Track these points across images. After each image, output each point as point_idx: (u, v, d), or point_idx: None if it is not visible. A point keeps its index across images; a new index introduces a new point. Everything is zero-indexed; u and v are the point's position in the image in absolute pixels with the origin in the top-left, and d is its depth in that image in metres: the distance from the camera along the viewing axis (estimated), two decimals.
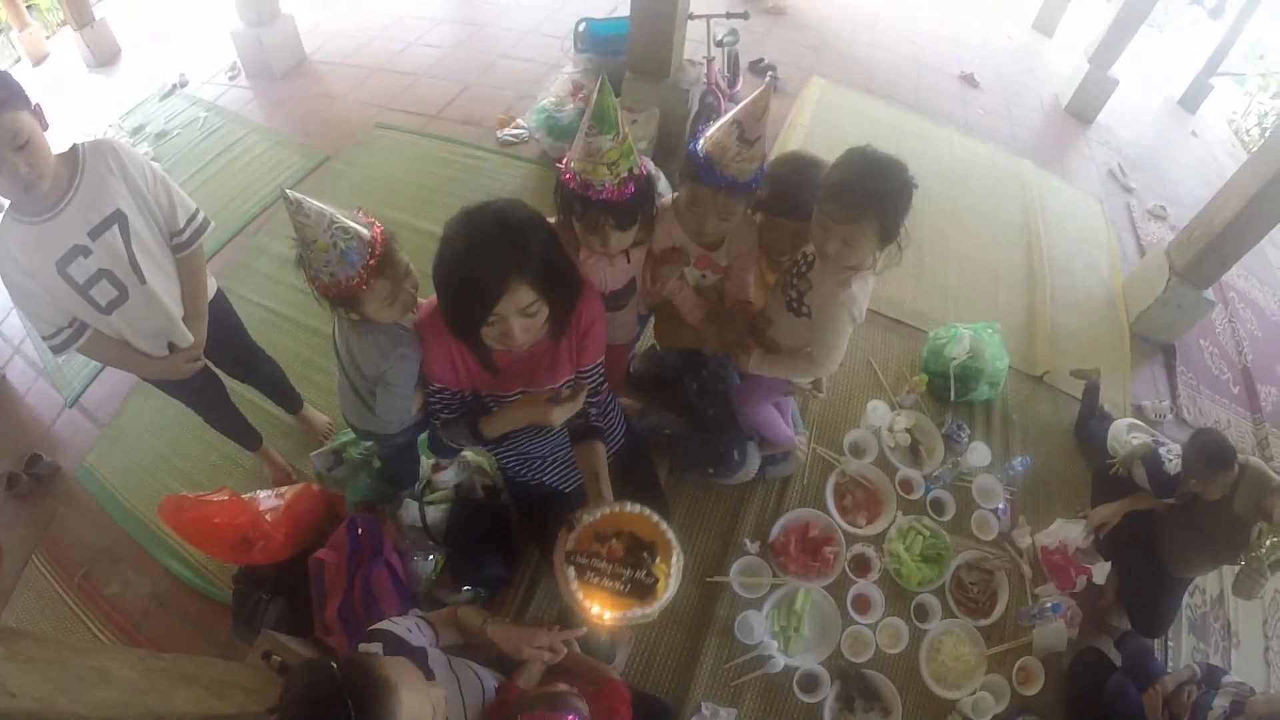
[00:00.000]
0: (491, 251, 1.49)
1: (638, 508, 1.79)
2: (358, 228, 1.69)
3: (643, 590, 1.66)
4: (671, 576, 1.68)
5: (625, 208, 1.76)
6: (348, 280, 1.69)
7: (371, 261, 1.69)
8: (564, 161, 1.77)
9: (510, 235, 1.50)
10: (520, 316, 1.56)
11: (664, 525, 1.76)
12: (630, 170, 1.72)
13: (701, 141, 1.86)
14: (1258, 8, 6.86)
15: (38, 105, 1.77)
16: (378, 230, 1.74)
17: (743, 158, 1.81)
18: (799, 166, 2.10)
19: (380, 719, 1.14)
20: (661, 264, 2.11)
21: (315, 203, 1.65)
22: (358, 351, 1.94)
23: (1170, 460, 2.65)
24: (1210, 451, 2.48)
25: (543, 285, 1.55)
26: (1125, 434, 3.03)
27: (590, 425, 2.05)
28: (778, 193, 2.05)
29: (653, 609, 1.65)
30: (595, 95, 1.64)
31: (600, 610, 1.64)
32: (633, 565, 1.68)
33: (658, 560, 1.70)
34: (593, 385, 1.99)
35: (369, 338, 1.89)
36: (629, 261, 2.01)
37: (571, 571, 1.69)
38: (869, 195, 1.77)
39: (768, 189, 2.04)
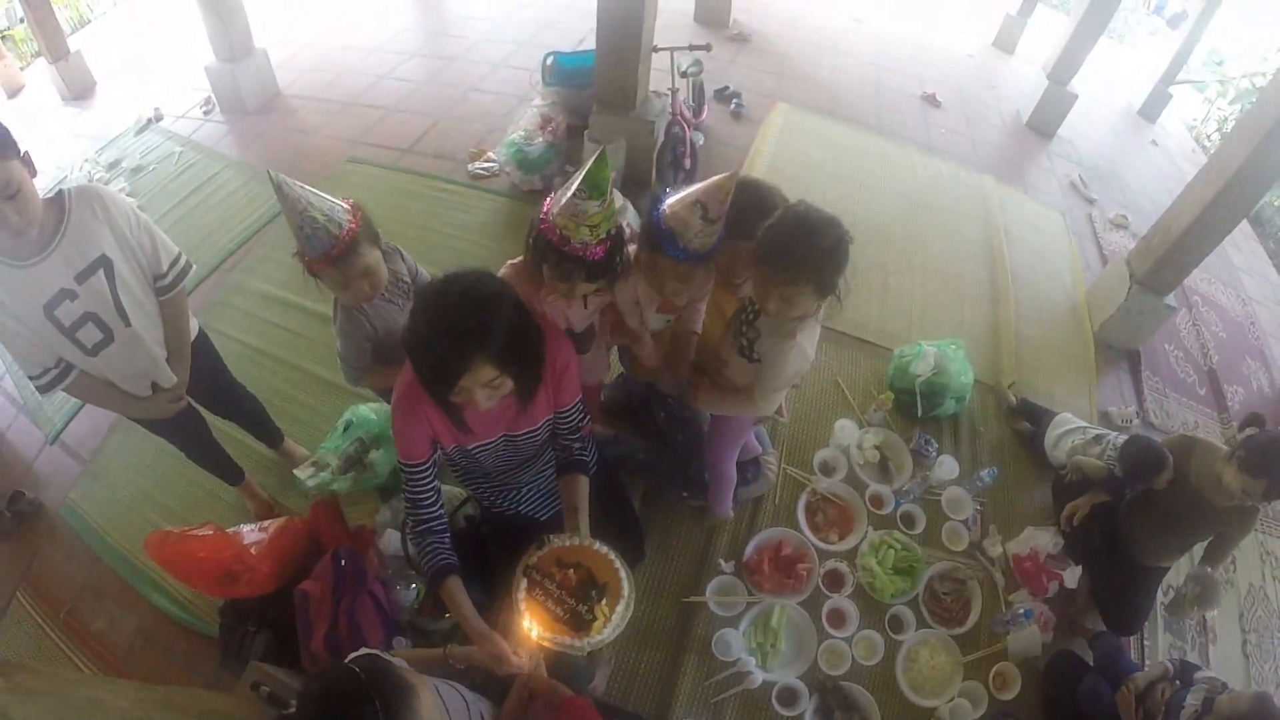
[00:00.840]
0: (455, 331, 1.53)
1: (605, 549, 1.85)
2: (327, 219, 1.86)
3: (579, 623, 1.72)
4: (611, 622, 1.74)
5: (598, 265, 1.81)
6: (308, 258, 1.92)
7: (332, 254, 1.88)
8: (545, 209, 1.81)
9: (475, 314, 1.54)
10: (484, 388, 1.61)
11: (623, 574, 1.82)
12: (608, 231, 1.79)
13: (664, 212, 1.89)
14: (1215, 16, 6.96)
15: (26, 153, 1.81)
16: (349, 229, 1.89)
17: (704, 233, 1.86)
18: (749, 190, 2.14)
19: (406, 718, 1.19)
20: (614, 337, 2.17)
21: (295, 189, 1.82)
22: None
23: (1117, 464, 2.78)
24: (1142, 461, 2.62)
25: (506, 362, 1.59)
26: (1054, 446, 3.15)
27: (575, 459, 2.09)
28: (730, 217, 2.07)
29: (582, 644, 1.71)
30: (591, 163, 1.68)
31: (531, 625, 1.71)
32: (578, 598, 1.74)
33: (604, 602, 1.76)
34: (573, 423, 2.04)
35: (333, 303, 2.15)
36: (586, 307, 2.07)
37: (524, 582, 1.76)
38: (803, 257, 1.80)
39: None
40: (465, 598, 1.87)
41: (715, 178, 1.85)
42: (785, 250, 1.81)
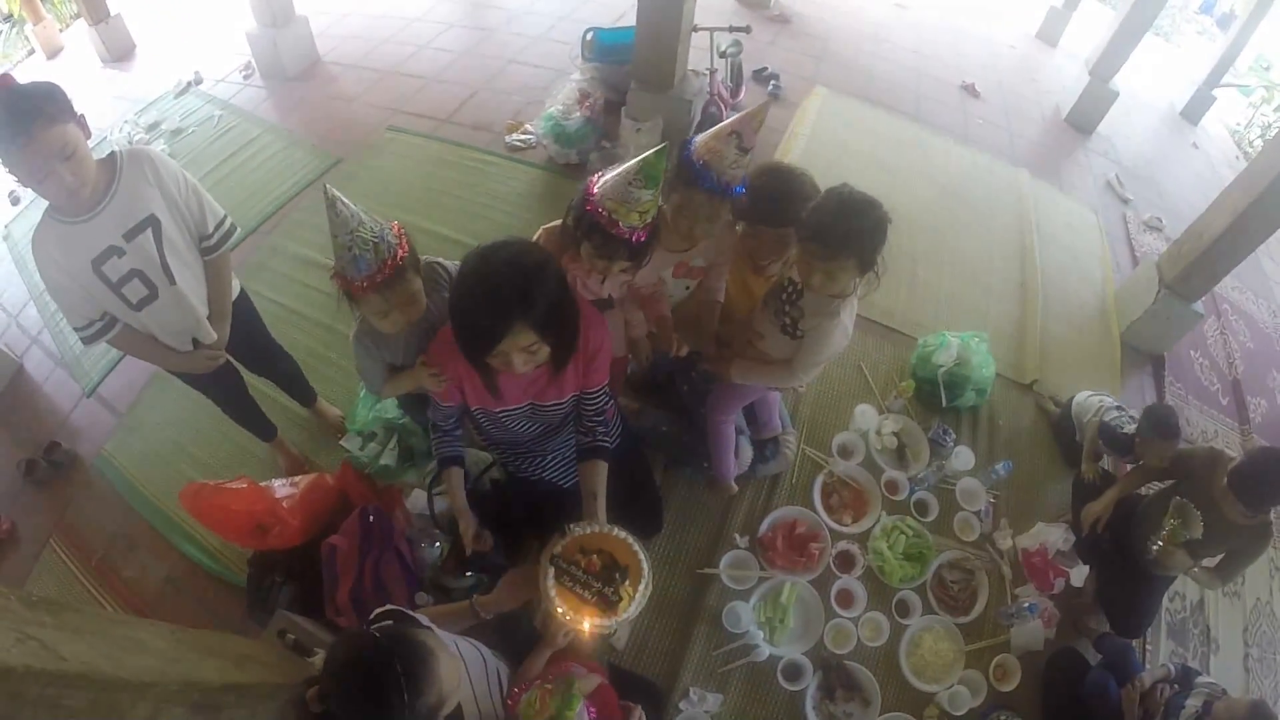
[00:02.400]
0: (499, 296, 1.60)
1: (623, 534, 1.92)
2: (377, 241, 1.79)
3: (606, 605, 1.78)
4: (635, 600, 1.81)
5: (640, 247, 1.89)
6: (350, 281, 1.83)
7: (377, 279, 1.81)
8: (592, 189, 1.86)
9: (519, 282, 1.60)
10: (522, 353, 1.68)
11: (641, 555, 1.88)
12: (651, 217, 1.86)
13: (695, 149, 1.98)
14: (1264, 18, 6.80)
15: (82, 116, 1.88)
16: (399, 254, 1.84)
17: (737, 165, 1.95)
18: (777, 177, 2.25)
19: (426, 681, 1.26)
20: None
21: (348, 206, 1.76)
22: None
23: (1125, 425, 2.83)
24: (1159, 418, 2.65)
25: (545, 328, 1.66)
26: (1081, 405, 3.17)
27: (596, 444, 2.14)
28: (758, 202, 2.18)
29: (611, 623, 1.78)
30: (651, 154, 1.75)
31: (564, 610, 1.78)
32: (603, 581, 1.81)
33: (626, 583, 1.83)
34: (598, 405, 2.11)
35: (356, 323, 2.08)
36: (603, 281, 2.11)
37: (551, 571, 1.82)
38: (846, 235, 1.89)
39: (748, 198, 2.16)
40: (461, 486, 2.18)
41: (750, 108, 1.94)
42: (829, 228, 1.91)
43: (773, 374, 2.38)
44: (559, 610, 1.78)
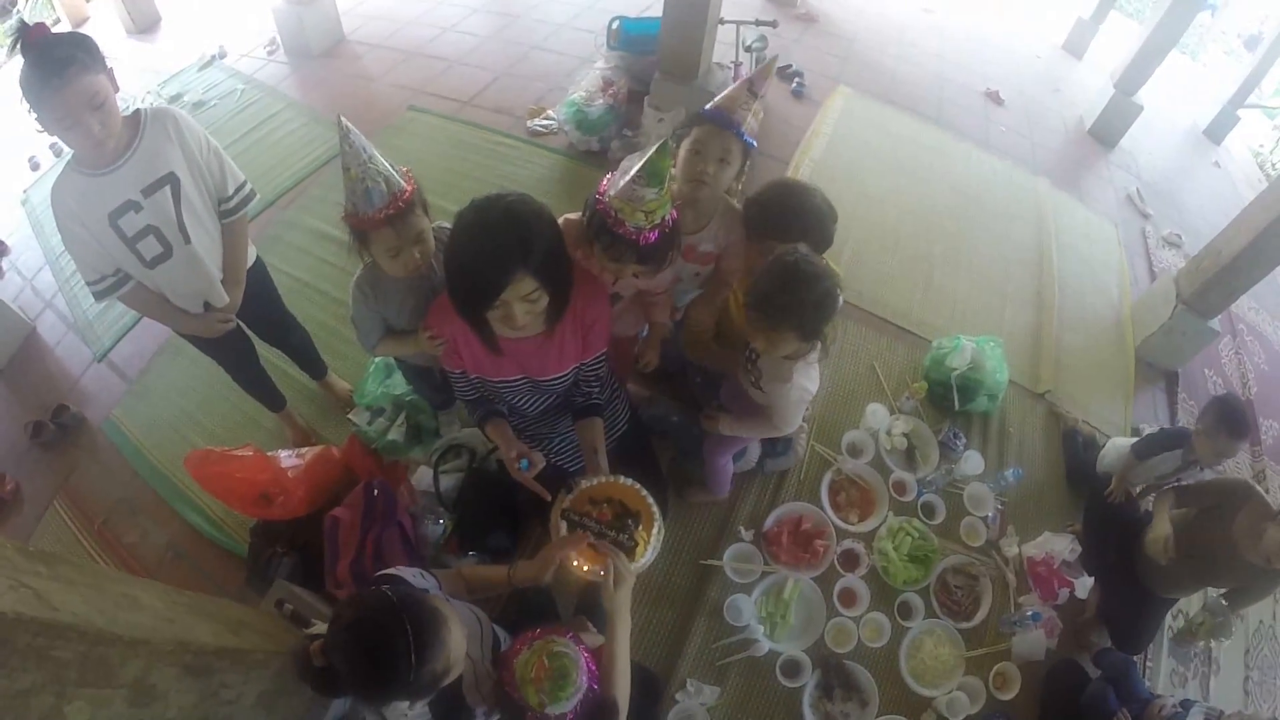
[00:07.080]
0: (500, 245, 1.62)
1: (629, 481, 1.94)
2: (388, 175, 1.83)
3: (623, 551, 1.79)
4: (650, 545, 1.84)
5: (650, 249, 1.86)
6: (362, 215, 1.85)
7: (389, 211, 1.84)
8: (602, 188, 1.87)
9: (517, 229, 1.62)
10: (523, 302, 1.69)
11: (650, 499, 1.91)
12: (662, 218, 1.85)
13: (714, 102, 2.12)
14: None
15: (111, 69, 1.90)
16: (408, 189, 1.88)
17: (747, 108, 2.03)
18: (786, 190, 2.28)
19: (434, 648, 1.25)
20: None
21: (362, 140, 1.79)
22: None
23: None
24: (1230, 411, 2.58)
25: (544, 275, 1.67)
26: (1110, 449, 3.12)
27: (590, 403, 2.17)
28: (767, 216, 2.21)
29: (629, 570, 1.78)
30: (653, 152, 1.74)
31: (581, 563, 1.77)
32: (617, 529, 1.82)
33: (640, 528, 1.85)
34: (597, 372, 2.12)
35: (360, 269, 2.12)
36: (614, 280, 2.11)
37: (564, 526, 1.83)
38: (786, 307, 1.89)
39: (757, 212, 2.21)
40: (507, 432, 2.11)
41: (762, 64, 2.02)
42: (770, 298, 1.91)
43: (758, 426, 2.40)
44: (575, 564, 1.78)
